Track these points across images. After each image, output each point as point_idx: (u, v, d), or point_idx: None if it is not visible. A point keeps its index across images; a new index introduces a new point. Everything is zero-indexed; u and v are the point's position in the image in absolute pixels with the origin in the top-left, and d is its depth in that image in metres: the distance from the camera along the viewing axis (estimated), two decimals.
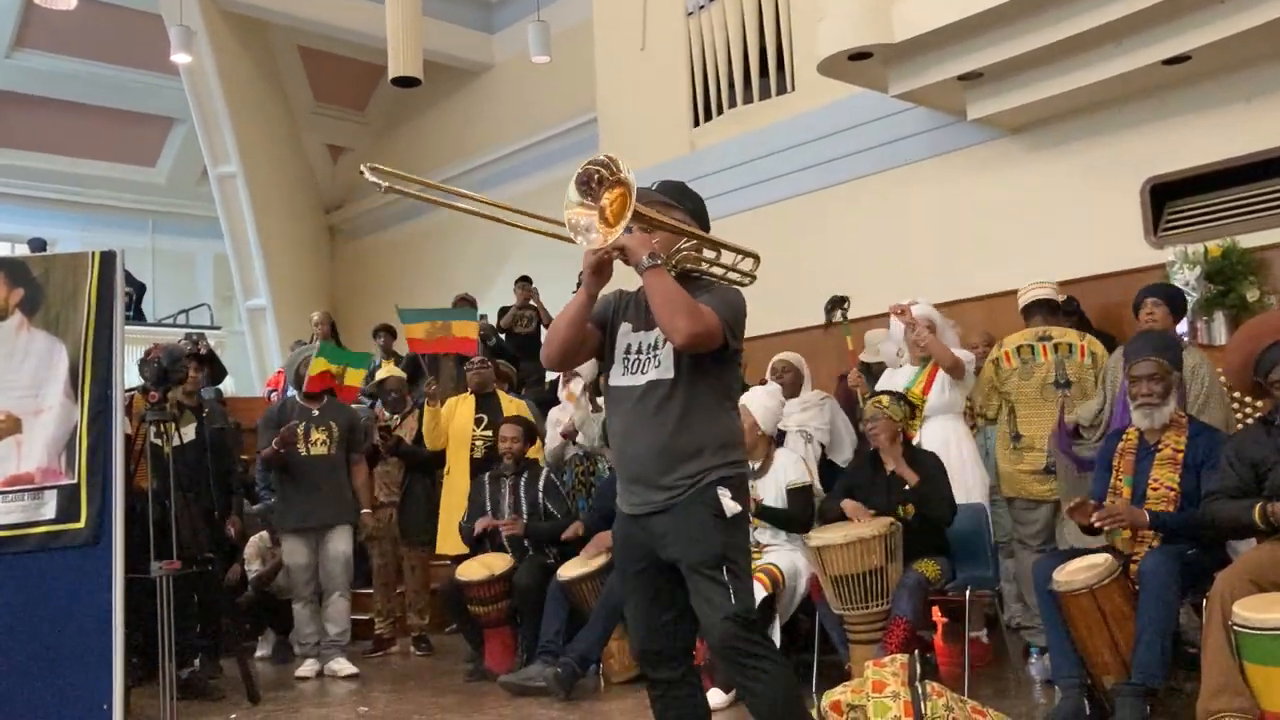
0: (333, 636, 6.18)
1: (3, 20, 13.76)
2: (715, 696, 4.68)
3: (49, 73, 14.50)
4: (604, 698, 5.23)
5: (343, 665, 6.10)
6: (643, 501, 2.88)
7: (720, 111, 8.48)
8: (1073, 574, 3.93)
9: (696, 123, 8.65)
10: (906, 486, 4.79)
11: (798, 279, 7.59)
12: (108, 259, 5.10)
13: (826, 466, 5.90)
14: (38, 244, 13.90)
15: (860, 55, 6.16)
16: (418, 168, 13.95)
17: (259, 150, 12.86)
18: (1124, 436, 4.28)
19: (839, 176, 7.62)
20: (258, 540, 6.92)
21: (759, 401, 5.24)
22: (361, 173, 2.72)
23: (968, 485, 5.14)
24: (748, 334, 6.56)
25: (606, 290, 2.96)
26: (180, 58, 11.38)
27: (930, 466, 4.87)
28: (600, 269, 2.81)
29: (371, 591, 7.13)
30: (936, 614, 5.32)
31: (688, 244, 2.97)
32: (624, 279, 2.83)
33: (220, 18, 12.00)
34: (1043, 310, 5.43)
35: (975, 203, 6.96)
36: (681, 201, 3.05)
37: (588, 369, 6.59)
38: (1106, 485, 4.22)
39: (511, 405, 6.80)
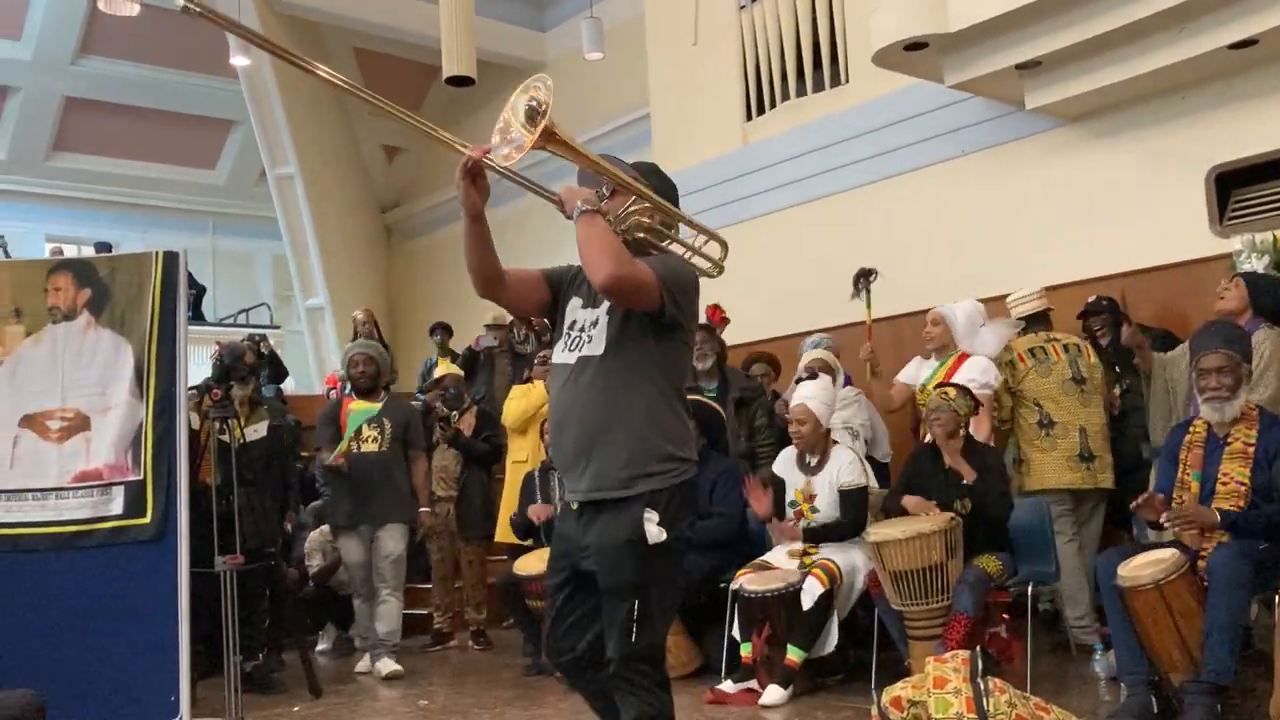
0: (381, 635, 6.10)
1: (68, 28, 14.06)
2: (772, 693, 4.67)
3: (112, 78, 14.80)
4: None
5: (386, 665, 6.01)
6: (573, 489, 2.73)
7: (773, 105, 8.43)
8: (1138, 569, 3.86)
9: (749, 116, 8.61)
10: (964, 482, 4.73)
11: (851, 274, 7.52)
12: (171, 259, 5.19)
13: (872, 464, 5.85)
14: (103, 248, 14.20)
15: (915, 46, 6.09)
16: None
17: (316, 151, 13.01)
18: (1191, 429, 4.18)
19: (894, 169, 7.55)
20: (319, 535, 6.98)
21: (815, 397, 5.19)
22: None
23: None
24: (802, 328, 6.49)
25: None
26: (239, 61, 11.55)
27: (989, 461, 4.81)
28: (470, 179, 2.61)
29: (430, 586, 7.19)
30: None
31: (638, 206, 2.74)
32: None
33: (277, 21, 12.14)
34: (1039, 322, 5.61)
35: (1034, 194, 6.86)
36: (649, 178, 2.85)
37: None
38: (1172, 479, 4.13)
39: None
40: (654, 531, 2.59)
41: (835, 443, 5.30)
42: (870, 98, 7.63)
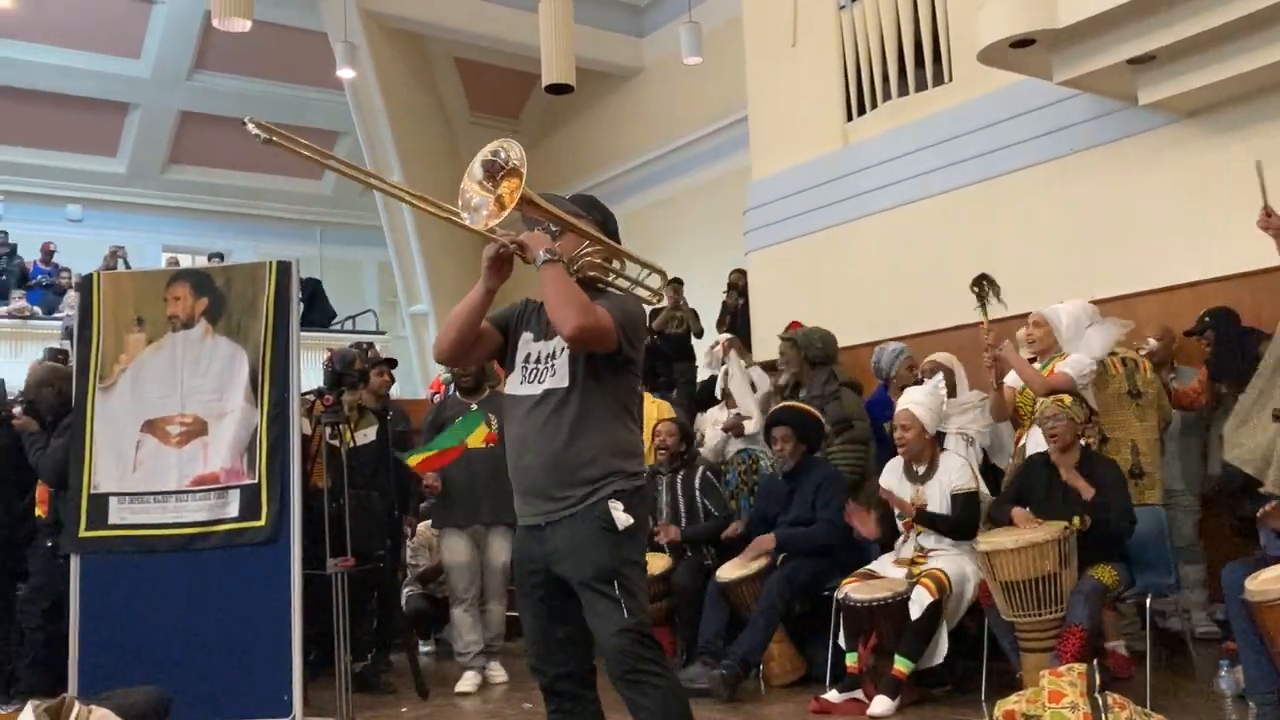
0: (488, 641, 5.98)
1: (184, 45, 14.59)
2: (880, 704, 4.60)
3: (225, 92, 15.31)
4: (765, 701, 5.19)
5: (496, 671, 5.95)
6: (537, 512, 2.83)
7: (874, 105, 8.31)
8: (1268, 582, 3.70)
9: (850, 117, 8.51)
10: (1083, 498, 4.58)
11: (958, 274, 7.36)
12: (284, 268, 5.33)
13: (989, 470, 5.71)
14: (216, 256, 14.71)
15: (1023, 42, 5.95)
16: (571, 172, 14.15)
17: (419, 160, 13.26)
18: None
19: (1001, 168, 7.38)
20: (425, 530, 6.94)
21: (920, 403, 5.10)
22: (244, 123, 2.69)
23: None
24: (909, 331, 6.41)
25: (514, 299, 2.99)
26: (345, 73, 11.83)
27: (1108, 475, 4.65)
28: (499, 264, 2.77)
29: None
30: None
31: (590, 249, 2.91)
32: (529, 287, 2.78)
33: (381, 33, 12.42)
34: None
35: (1147, 192, 6.64)
36: (590, 212, 2.99)
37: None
38: None
39: (652, 406, 6.76)
40: (621, 518, 2.74)
41: (943, 449, 5.19)
42: (975, 96, 7.48)
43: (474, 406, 6.06)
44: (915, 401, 5.09)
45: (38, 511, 5.68)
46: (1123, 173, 6.77)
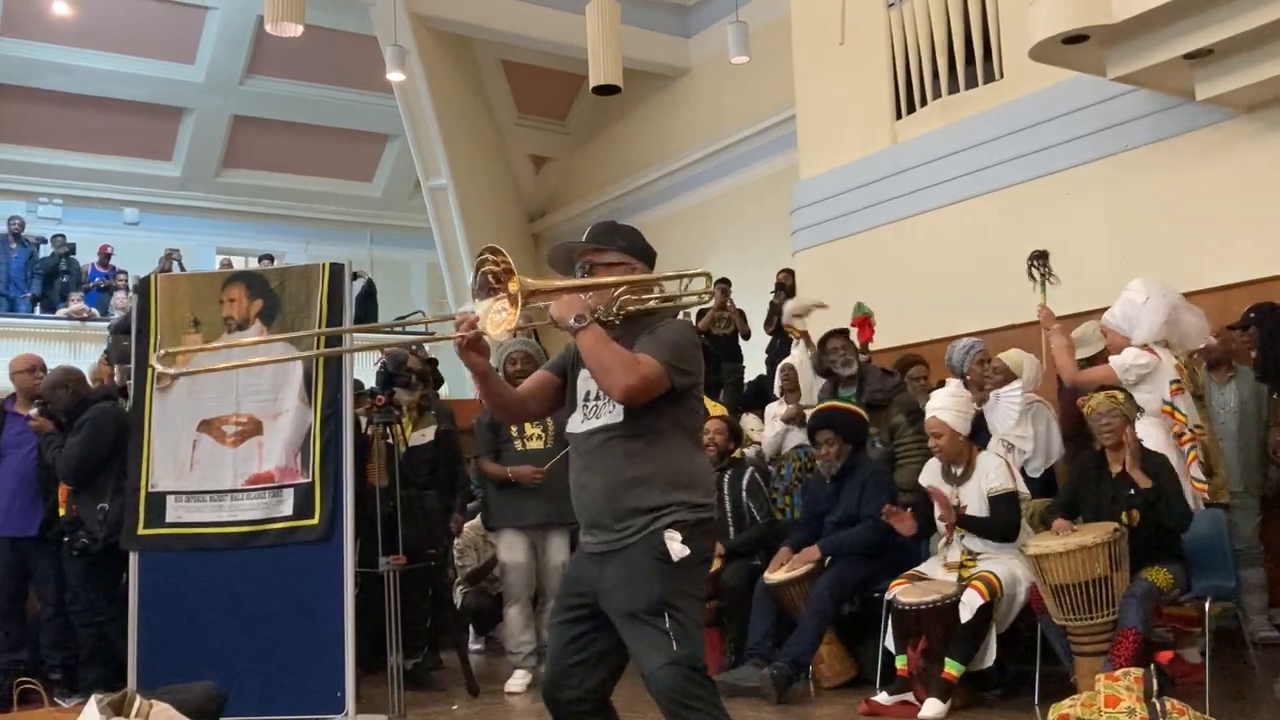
0: (541, 644, 5.86)
1: (237, 50, 14.81)
2: (931, 707, 4.57)
3: (277, 96, 15.53)
4: (815, 703, 5.17)
5: None
6: (597, 542, 2.79)
7: (924, 103, 8.25)
8: None
9: (899, 115, 8.45)
10: (1133, 491, 4.52)
11: (1011, 272, 7.30)
12: (336, 270, 5.40)
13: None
14: (267, 258, 14.91)
15: (1076, 38, 5.87)
16: (618, 173, 14.18)
17: (467, 162, 13.35)
18: None
19: (1054, 165, 7.29)
20: (471, 532, 6.95)
21: (945, 407, 5.03)
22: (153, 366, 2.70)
23: None
24: (959, 330, 6.34)
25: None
26: (395, 76, 11.94)
27: (1160, 469, 4.59)
28: (465, 353, 2.73)
29: None
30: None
31: (621, 292, 2.85)
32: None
33: (430, 36, 12.52)
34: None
35: (1205, 189, 6.53)
36: (612, 241, 2.92)
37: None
38: None
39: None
40: (677, 549, 2.66)
41: (980, 449, 5.14)
42: (1026, 93, 7.40)
43: None
44: (940, 407, 5.04)
45: (61, 511, 5.76)
46: (1178, 170, 6.66)
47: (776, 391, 6.88)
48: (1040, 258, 5.58)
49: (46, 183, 15.90)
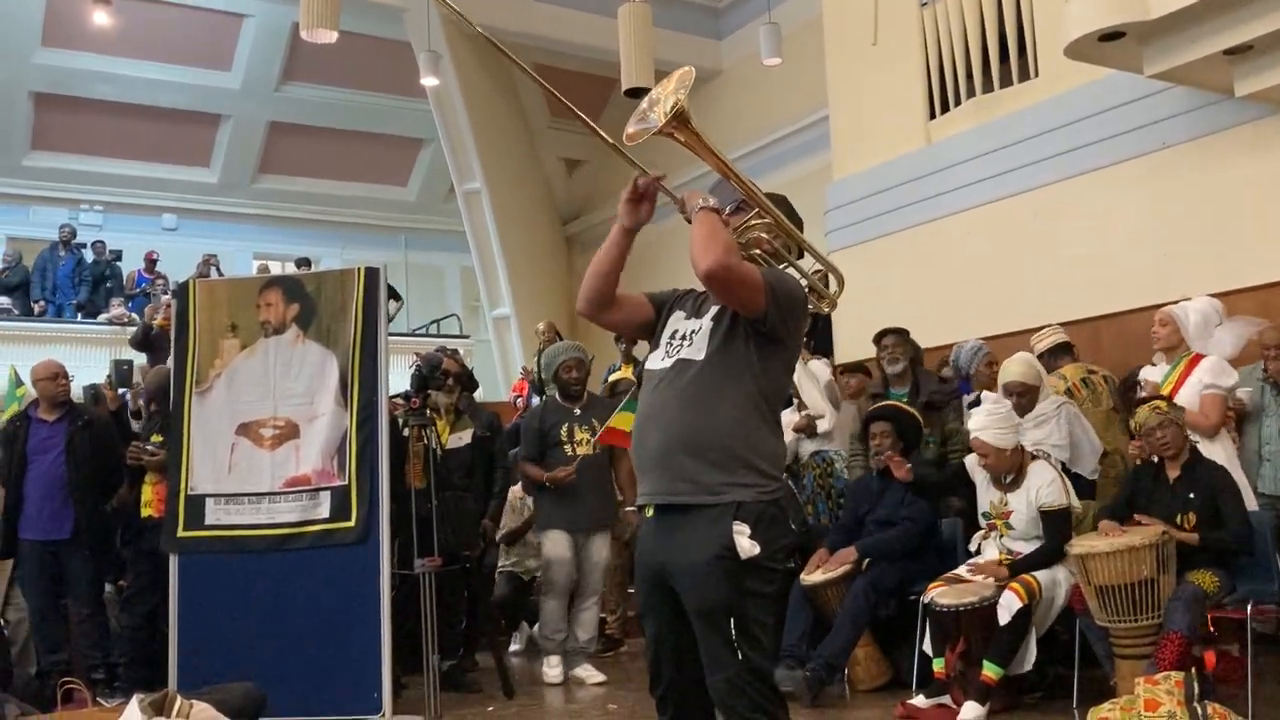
0: (581, 643, 6.12)
1: (273, 57, 14.95)
2: (970, 710, 4.53)
3: (312, 102, 15.66)
4: (850, 706, 5.15)
5: (590, 673, 6.02)
6: (656, 490, 2.58)
7: (958, 102, 8.20)
8: None
9: (932, 115, 8.40)
10: (1191, 496, 4.47)
11: (1047, 272, 7.25)
12: (372, 274, 5.44)
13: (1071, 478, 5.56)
14: (303, 263, 15.03)
15: (1112, 35, 5.81)
16: (663, 168, 14.13)
17: (501, 166, 13.39)
18: None
19: (1090, 164, 7.22)
20: (513, 493, 6.86)
21: (985, 427, 4.93)
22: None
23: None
24: (995, 331, 6.27)
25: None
26: (429, 81, 12.00)
27: (1220, 482, 4.52)
28: (635, 200, 2.63)
29: (605, 590, 7.16)
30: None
31: (760, 222, 2.70)
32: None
33: (463, 41, 12.57)
34: (1065, 352, 5.91)
35: (1245, 186, 6.44)
36: (778, 206, 2.80)
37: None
38: None
39: None
40: (745, 545, 2.46)
41: (1035, 458, 5.06)
42: (1061, 91, 7.33)
43: (577, 411, 6.11)
44: (981, 427, 4.95)
45: (146, 511, 5.84)
46: (1217, 168, 6.58)
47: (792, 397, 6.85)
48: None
49: (88, 190, 16.11)
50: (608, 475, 6.21)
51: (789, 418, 6.76)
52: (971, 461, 5.19)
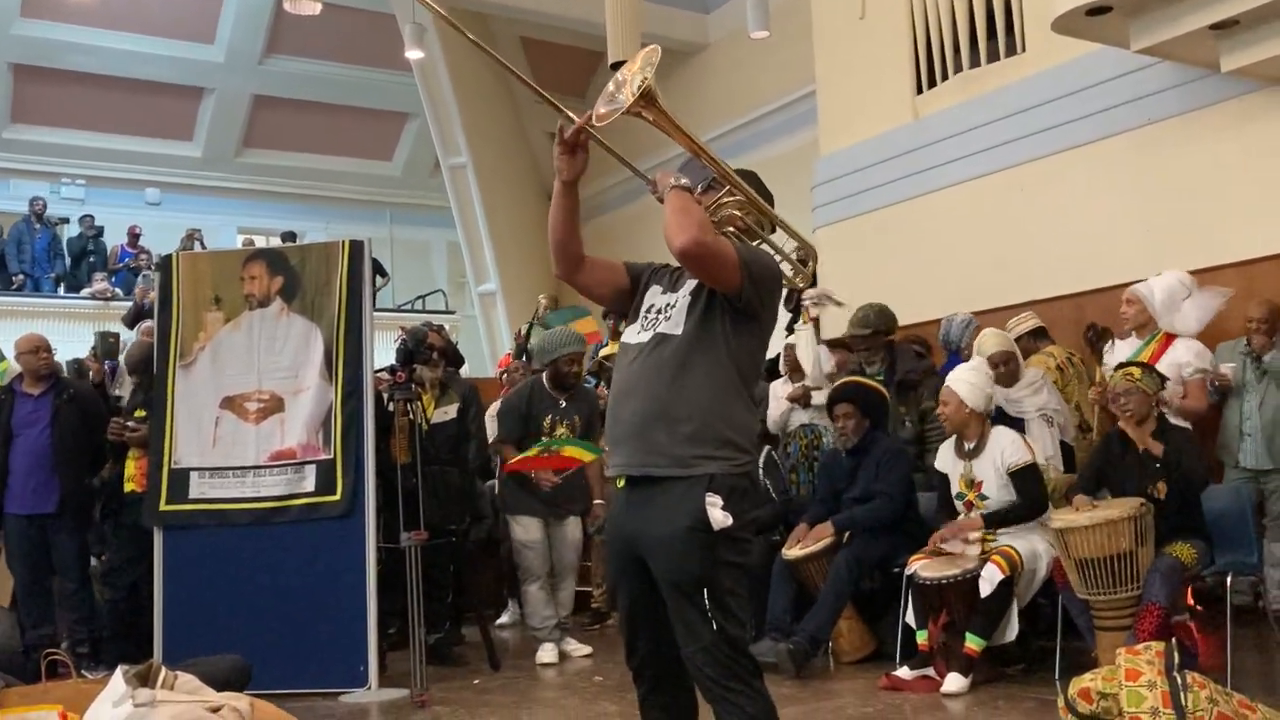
0: (563, 618, 6.12)
1: (256, 29, 14.83)
2: (953, 681, 4.57)
3: (296, 76, 15.54)
4: (834, 677, 5.19)
5: (576, 647, 6.05)
6: (628, 462, 2.60)
7: (945, 77, 8.17)
8: None
9: (920, 90, 8.37)
10: (1157, 464, 4.51)
11: (1033, 248, 7.25)
12: (356, 248, 5.43)
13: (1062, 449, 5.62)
14: (288, 237, 14.95)
15: (1099, 10, 5.79)
16: (635, 150, 14.07)
17: (486, 141, 13.33)
18: None
19: (1077, 139, 7.21)
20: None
21: (960, 379, 5.05)
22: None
23: None
24: (982, 306, 6.27)
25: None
26: (413, 54, 11.92)
27: (1179, 438, 4.58)
28: (569, 149, 2.61)
29: (590, 564, 7.14)
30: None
31: (732, 199, 2.71)
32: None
33: (449, 13, 12.48)
34: (1043, 335, 6.07)
35: (1230, 162, 6.44)
36: (748, 182, 2.81)
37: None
38: None
39: None
40: (718, 517, 2.48)
41: (993, 424, 5.11)
42: (1049, 66, 7.31)
43: (563, 403, 6.04)
44: (956, 378, 5.06)
45: (130, 486, 5.82)
46: (1203, 143, 6.58)
47: (781, 368, 6.87)
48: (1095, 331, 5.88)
49: (69, 163, 15.97)
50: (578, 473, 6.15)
51: (781, 388, 6.79)
52: (943, 451, 5.21)
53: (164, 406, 5.46)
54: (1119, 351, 5.50)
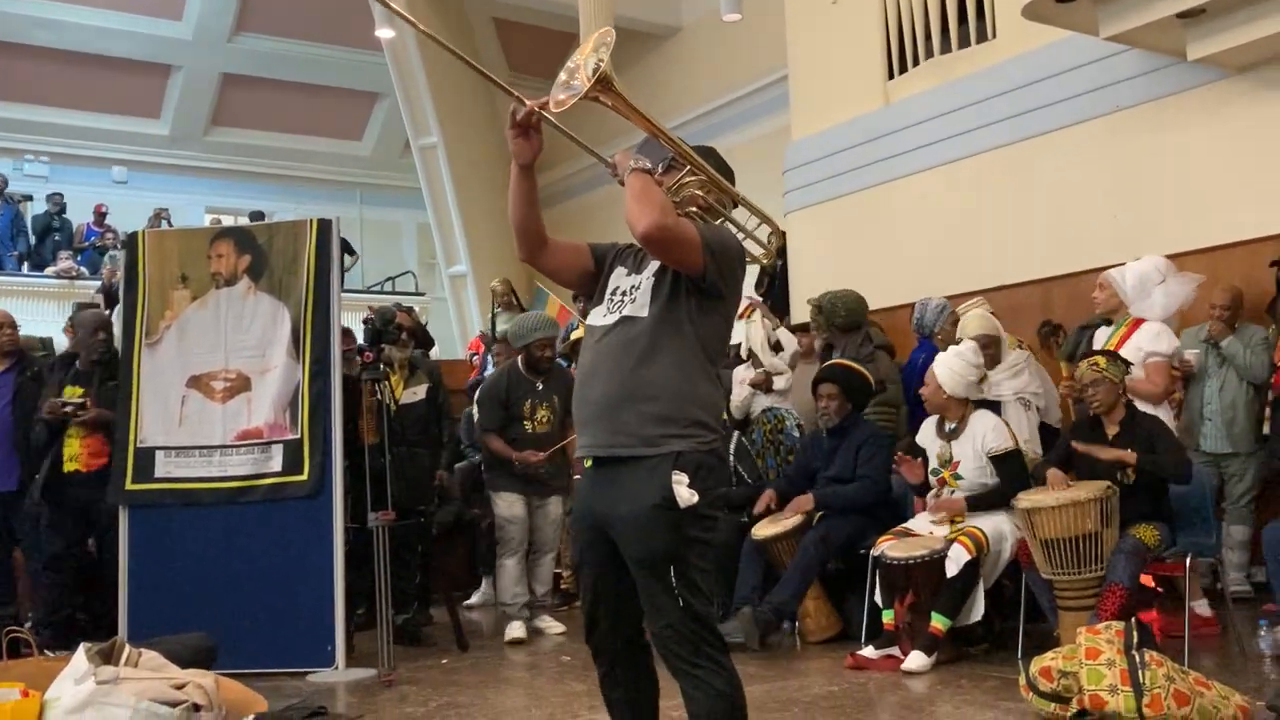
0: (539, 596, 6.18)
1: (225, 5, 14.64)
2: (916, 659, 4.61)
3: (265, 54, 15.37)
4: (800, 656, 5.23)
5: (550, 624, 6.10)
6: (595, 443, 2.61)
7: (916, 63, 8.20)
8: None
9: (891, 75, 8.40)
10: (1129, 450, 4.56)
11: (1003, 233, 7.31)
12: (324, 226, 5.39)
13: (1043, 430, 5.66)
14: (257, 217, 14.82)
15: None
16: (608, 133, 14.07)
17: (458, 121, 13.24)
18: None
19: (1045, 126, 7.26)
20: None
21: (942, 363, 5.10)
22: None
23: None
24: (951, 291, 6.31)
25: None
26: (384, 33, 11.83)
27: (1153, 427, 4.63)
28: (521, 131, 2.62)
29: (562, 546, 7.20)
30: (1148, 581, 5.05)
31: (693, 179, 2.72)
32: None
33: None
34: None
35: (1196, 150, 6.51)
36: (707, 159, 2.82)
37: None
38: None
39: None
40: (684, 494, 2.48)
41: (975, 408, 5.15)
42: (1019, 52, 7.35)
43: (539, 385, 6.06)
44: (941, 362, 5.11)
45: (71, 466, 5.68)
46: (1170, 130, 6.64)
47: (744, 353, 6.87)
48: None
49: (33, 140, 15.74)
50: (563, 447, 6.17)
51: (744, 373, 6.81)
52: (924, 427, 5.25)
53: (129, 385, 5.41)
54: (1098, 341, 5.52)
